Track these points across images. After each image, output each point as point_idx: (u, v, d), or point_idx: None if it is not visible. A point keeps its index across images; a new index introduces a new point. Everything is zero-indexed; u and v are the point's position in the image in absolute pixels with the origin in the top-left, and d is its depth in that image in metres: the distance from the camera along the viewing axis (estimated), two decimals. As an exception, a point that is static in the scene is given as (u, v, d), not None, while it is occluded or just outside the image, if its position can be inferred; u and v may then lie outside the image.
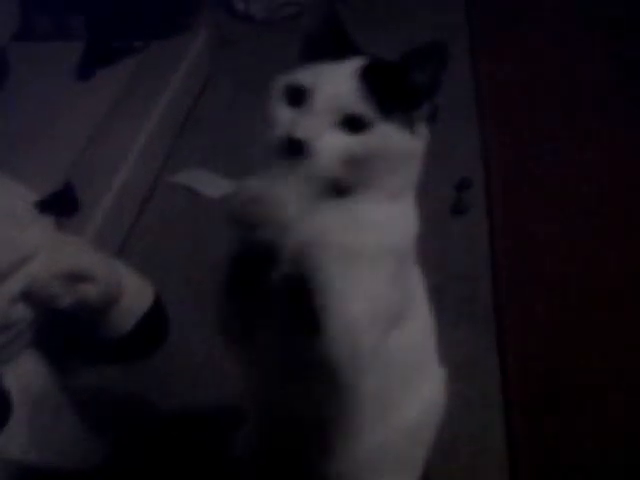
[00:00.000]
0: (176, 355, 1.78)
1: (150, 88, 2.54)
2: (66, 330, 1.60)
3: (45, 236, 1.49)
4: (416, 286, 1.17)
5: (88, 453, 1.50)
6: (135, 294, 1.72)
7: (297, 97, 0.98)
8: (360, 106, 0.95)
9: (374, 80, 0.97)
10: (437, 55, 0.99)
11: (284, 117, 0.97)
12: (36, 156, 2.04)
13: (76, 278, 1.51)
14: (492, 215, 2.28)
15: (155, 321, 1.76)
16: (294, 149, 0.93)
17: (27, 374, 1.49)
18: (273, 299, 1.00)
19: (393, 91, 0.98)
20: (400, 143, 0.98)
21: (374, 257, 0.99)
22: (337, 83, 0.97)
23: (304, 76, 0.99)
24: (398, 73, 0.99)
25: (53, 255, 1.47)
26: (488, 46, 3.23)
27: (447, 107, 2.62)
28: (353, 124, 0.95)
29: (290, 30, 3.29)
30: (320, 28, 1.05)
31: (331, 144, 0.94)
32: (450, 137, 2.57)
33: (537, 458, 1.61)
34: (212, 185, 2.38)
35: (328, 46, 1.03)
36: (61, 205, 1.64)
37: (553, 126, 2.72)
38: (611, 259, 2.11)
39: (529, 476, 1.58)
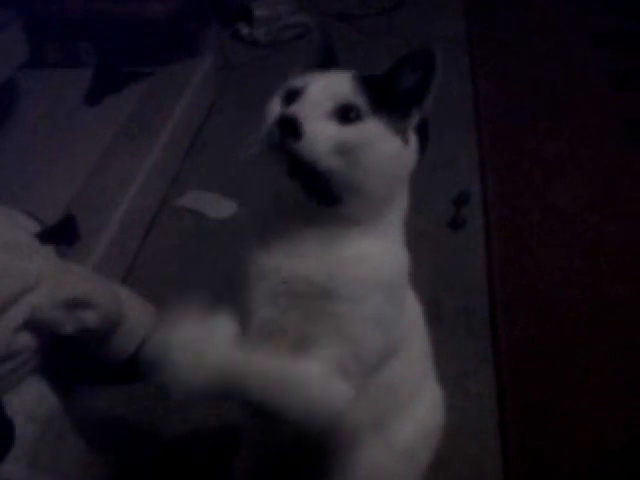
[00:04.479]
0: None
1: (157, 113, 2.54)
2: (69, 354, 1.60)
3: (47, 265, 1.48)
4: (411, 315, 1.14)
5: (92, 476, 1.49)
6: (137, 318, 1.71)
7: (291, 97, 0.96)
8: (353, 97, 0.94)
9: (365, 82, 0.96)
10: (424, 61, 0.96)
11: (277, 110, 0.96)
12: (43, 183, 2.05)
13: (78, 305, 1.50)
14: (489, 229, 2.26)
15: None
16: (287, 127, 0.90)
17: (31, 398, 1.48)
18: None
19: (382, 94, 0.95)
20: (390, 144, 0.95)
21: (361, 294, 0.97)
22: (331, 79, 0.96)
23: (298, 80, 0.98)
24: (387, 79, 0.97)
25: (55, 284, 1.46)
26: (487, 61, 3.21)
27: (445, 122, 2.65)
28: (345, 116, 0.93)
29: (292, 51, 3.31)
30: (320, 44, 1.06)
31: (323, 129, 0.91)
32: (448, 152, 2.57)
33: (532, 469, 1.59)
34: (218, 207, 2.37)
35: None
36: (62, 236, 1.63)
37: (551, 140, 2.70)
38: (607, 273, 2.09)
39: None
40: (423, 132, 1.01)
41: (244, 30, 3.50)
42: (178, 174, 2.56)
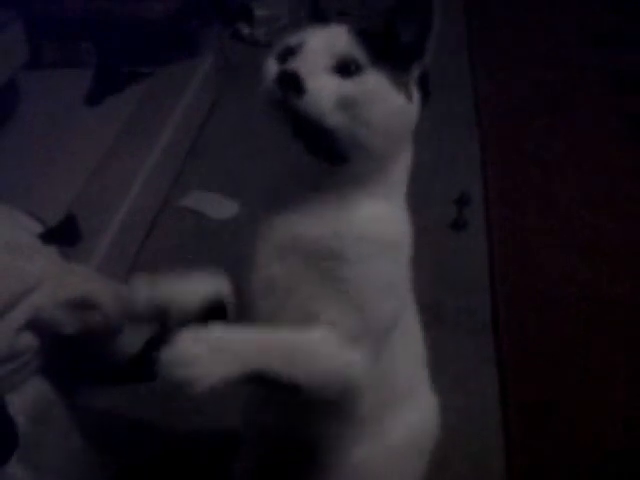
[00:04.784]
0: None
1: (157, 113, 2.53)
2: (72, 354, 1.59)
3: (49, 266, 1.47)
4: (408, 316, 1.13)
5: (93, 476, 1.48)
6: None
7: (288, 55, 0.94)
8: (352, 50, 0.91)
9: (363, 35, 0.93)
10: (421, 10, 0.95)
11: (275, 69, 0.93)
12: (44, 183, 2.04)
13: (80, 306, 1.49)
14: (491, 229, 2.26)
15: (161, 344, 1.74)
16: (288, 82, 0.88)
17: (33, 399, 1.47)
18: None
19: (381, 47, 0.93)
20: (393, 98, 0.93)
21: (368, 256, 0.96)
22: (328, 33, 0.94)
23: (293, 38, 0.96)
24: (384, 31, 0.95)
25: (57, 284, 1.45)
26: (487, 61, 3.21)
27: (446, 122, 2.65)
28: (345, 70, 0.90)
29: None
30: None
31: (325, 84, 0.89)
32: (449, 152, 2.57)
33: (534, 468, 1.58)
34: (219, 207, 2.37)
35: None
36: (64, 236, 1.62)
37: (552, 140, 2.70)
38: (608, 273, 2.09)
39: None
40: (424, 86, 0.99)
41: (245, 30, 3.49)
42: (179, 174, 2.55)
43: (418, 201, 1.05)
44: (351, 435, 1.11)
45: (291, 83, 0.88)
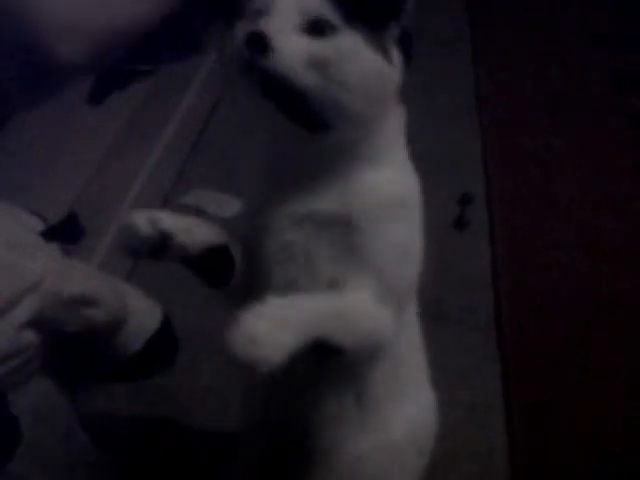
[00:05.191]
0: (181, 375, 1.76)
1: (160, 111, 2.52)
2: (74, 352, 1.58)
3: (51, 263, 1.46)
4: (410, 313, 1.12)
5: (96, 474, 1.47)
6: (143, 315, 1.70)
7: (258, 15, 0.90)
8: (324, 10, 0.87)
9: None
10: None
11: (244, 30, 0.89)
12: (46, 182, 2.02)
13: (82, 303, 1.48)
14: (493, 228, 2.25)
15: (163, 341, 1.74)
16: (255, 44, 0.84)
17: (36, 397, 1.46)
18: None
19: (356, 7, 0.88)
20: (369, 59, 0.89)
21: (379, 222, 0.96)
22: None
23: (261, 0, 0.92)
24: None
25: (59, 282, 1.44)
26: (489, 61, 3.20)
27: (449, 122, 2.64)
28: (317, 30, 0.87)
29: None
30: None
31: (294, 43, 0.86)
32: (452, 152, 2.56)
33: (538, 466, 1.58)
34: (222, 205, 2.35)
35: None
36: (65, 234, 1.61)
37: (553, 140, 2.69)
38: (610, 272, 2.09)
39: None
40: (406, 47, 0.95)
41: (246, 29, 3.47)
42: (181, 173, 2.54)
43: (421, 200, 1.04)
44: (353, 428, 1.10)
45: (258, 43, 0.85)
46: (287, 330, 0.84)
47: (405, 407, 1.15)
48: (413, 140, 1.03)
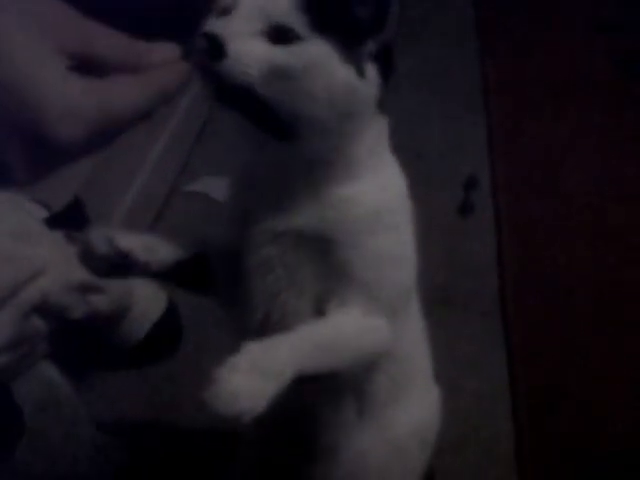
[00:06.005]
0: (184, 365, 1.75)
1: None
2: (79, 340, 1.57)
3: (56, 250, 1.45)
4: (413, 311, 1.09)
5: (102, 464, 1.46)
6: (148, 301, 1.69)
7: (223, 14, 0.83)
8: (291, 18, 0.79)
9: (310, 1, 0.81)
10: None
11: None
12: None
13: (87, 290, 1.47)
14: (498, 213, 2.23)
15: (169, 328, 1.73)
16: (208, 46, 0.77)
17: (40, 385, 1.45)
18: None
19: (330, 17, 0.81)
20: (339, 72, 0.81)
21: (358, 235, 0.91)
22: None
23: None
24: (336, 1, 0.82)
25: (63, 268, 1.42)
26: (494, 47, 3.18)
27: (454, 107, 2.62)
28: (280, 36, 0.79)
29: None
30: None
31: (250, 47, 0.79)
32: (456, 137, 2.54)
33: (543, 453, 1.56)
34: (228, 192, 2.33)
35: None
36: (70, 221, 1.60)
37: (557, 125, 2.67)
38: (616, 257, 2.08)
39: (536, 471, 1.53)
40: (386, 61, 0.87)
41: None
42: (187, 161, 2.51)
43: (425, 186, 1.01)
44: (355, 427, 1.08)
45: (212, 46, 0.78)
46: (266, 377, 0.80)
47: (408, 404, 1.12)
48: (420, 126, 1.00)
